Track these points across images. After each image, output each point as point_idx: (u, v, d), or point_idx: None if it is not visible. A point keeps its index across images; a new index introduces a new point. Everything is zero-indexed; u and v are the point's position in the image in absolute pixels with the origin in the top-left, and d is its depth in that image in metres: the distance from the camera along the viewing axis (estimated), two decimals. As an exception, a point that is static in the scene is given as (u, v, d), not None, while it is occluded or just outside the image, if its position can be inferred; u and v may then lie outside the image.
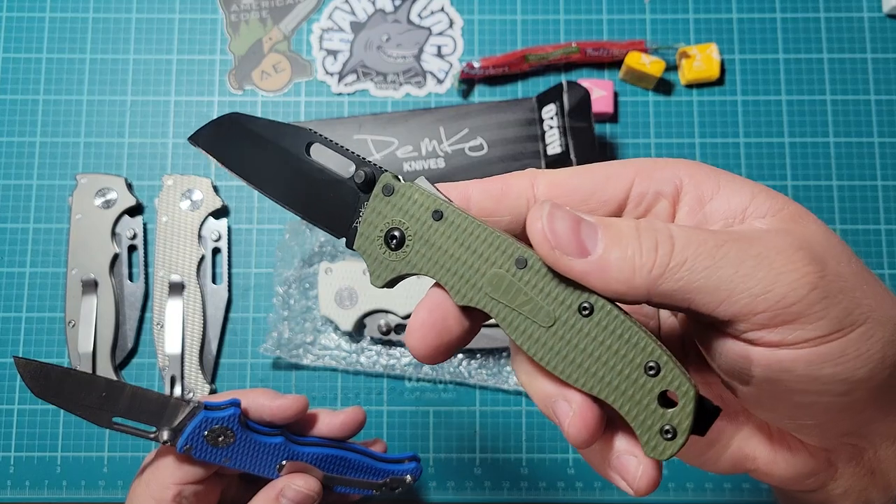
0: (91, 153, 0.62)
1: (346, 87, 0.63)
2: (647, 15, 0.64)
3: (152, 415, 0.42)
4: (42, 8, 0.63)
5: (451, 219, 0.27)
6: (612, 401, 0.25)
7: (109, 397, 0.42)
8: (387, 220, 0.28)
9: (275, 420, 0.45)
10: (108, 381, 0.42)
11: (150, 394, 0.42)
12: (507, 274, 0.26)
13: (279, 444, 0.44)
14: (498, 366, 0.58)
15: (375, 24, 0.63)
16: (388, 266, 0.28)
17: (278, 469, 0.44)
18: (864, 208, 0.61)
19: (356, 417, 0.47)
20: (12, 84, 0.62)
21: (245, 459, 0.44)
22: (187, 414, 0.42)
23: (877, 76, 0.62)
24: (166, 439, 0.42)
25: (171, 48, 0.63)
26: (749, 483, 0.57)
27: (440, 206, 0.27)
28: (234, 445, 0.43)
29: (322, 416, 0.47)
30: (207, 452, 0.43)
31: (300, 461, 0.45)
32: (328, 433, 0.46)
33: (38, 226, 0.60)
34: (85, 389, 0.41)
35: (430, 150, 0.58)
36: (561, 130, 0.57)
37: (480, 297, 0.26)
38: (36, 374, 0.41)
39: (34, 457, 0.58)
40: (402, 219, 0.27)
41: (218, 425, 0.42)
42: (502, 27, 0.63)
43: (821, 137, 0.62)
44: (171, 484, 0.43)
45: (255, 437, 0.43)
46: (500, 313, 0.26)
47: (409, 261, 0.27)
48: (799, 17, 0.63)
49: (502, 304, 0.26)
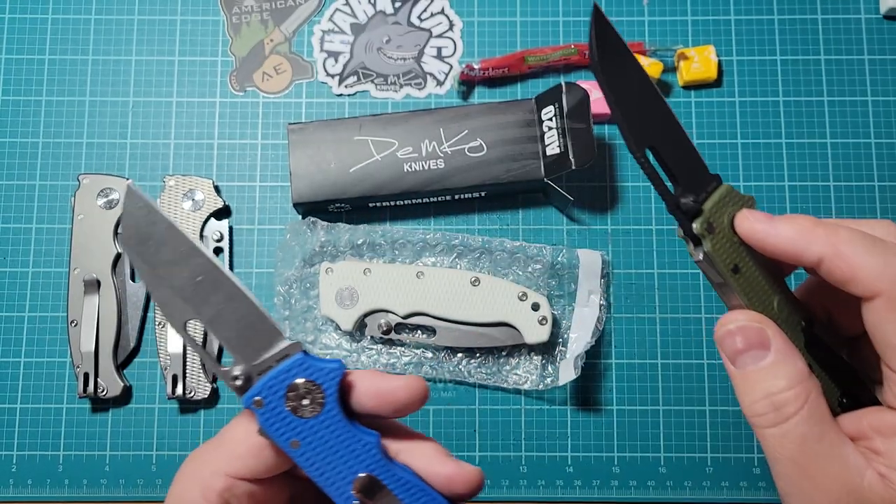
0: (93, 154, 0.62)
1: (347, 88, 0.63)
2: (646, 17, 0.64)
3: (237, 337, 0.31)
4: (45, 10, 0.64)
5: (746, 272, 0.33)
6: None
7: (202, 288, 0.31)
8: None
9: (381, 406, 0.31)
10: (213, 265, 0.31)
11: (248, 304, 0.31)
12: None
13: (370, 445, 0.30)
14: (497, 364, 0.58)
15: (376, 25, 0.64)
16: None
17: (353, 486, 0.30)
18: (862, 209, 0.61)
19: (471, 478, 0.31)
20: (15, 85, 0.63)
21: (320, 451, 0.30)
22: (279, 352, 0.31)
23: (874, 77, 0.63)
24: (237, 375, 0.30)
25: (173, 49, 0.63)
26: (746, 481, 0.58)
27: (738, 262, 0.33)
28: (316, 421, 0.30)
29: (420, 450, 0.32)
30: (279, 419, 0.30)
31: (383, 483, 0.30)
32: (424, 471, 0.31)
33: (41, 226, 0.61)
34: (182, 262, 0.31)
35: (430, 151, 0.58)
36: (560, 131, 0.57)
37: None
38: (137, 212, 0.30)
39: (36, 455, 0.58)
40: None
41: (312, 379, 0.30)
42: (502, 29, 0.64)
43: (818, 139, 0.62)
44: (224, 473, 0.31)
45: (345, 420, 0.30)
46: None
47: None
48: (796, 19, 0.64)
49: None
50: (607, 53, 0.31)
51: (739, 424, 0.58)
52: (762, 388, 0.31)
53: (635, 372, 0.59)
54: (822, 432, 0.30)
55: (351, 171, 0.58)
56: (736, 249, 0.32)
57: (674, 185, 0.32)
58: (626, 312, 0.60)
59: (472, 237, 0.59)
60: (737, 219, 0.32)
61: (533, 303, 0.56)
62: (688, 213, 0.32)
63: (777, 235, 0.31)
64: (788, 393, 0.30)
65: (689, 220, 0.32)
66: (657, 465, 0.58)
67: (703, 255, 0.32)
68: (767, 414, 0.30)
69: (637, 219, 0.61)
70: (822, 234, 0.30)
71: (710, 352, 0.59)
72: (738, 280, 0.32)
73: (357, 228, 0.59)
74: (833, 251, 0.30)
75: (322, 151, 0.58)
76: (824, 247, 0.30)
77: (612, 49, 0.31)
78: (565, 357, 0.58)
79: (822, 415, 0.30)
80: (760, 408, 0.31)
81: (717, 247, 0.32)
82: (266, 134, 0.62)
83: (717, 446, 0.58)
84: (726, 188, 0.32)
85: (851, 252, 0.29)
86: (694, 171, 0.32)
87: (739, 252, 0.32)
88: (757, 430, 0.31)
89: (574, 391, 0.59)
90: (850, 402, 0.34)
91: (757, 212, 0.32)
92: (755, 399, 0.31)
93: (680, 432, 0.58)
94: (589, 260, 0.58)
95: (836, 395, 0.34)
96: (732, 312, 0.32)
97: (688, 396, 0.59)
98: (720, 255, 0.32)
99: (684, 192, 0.32)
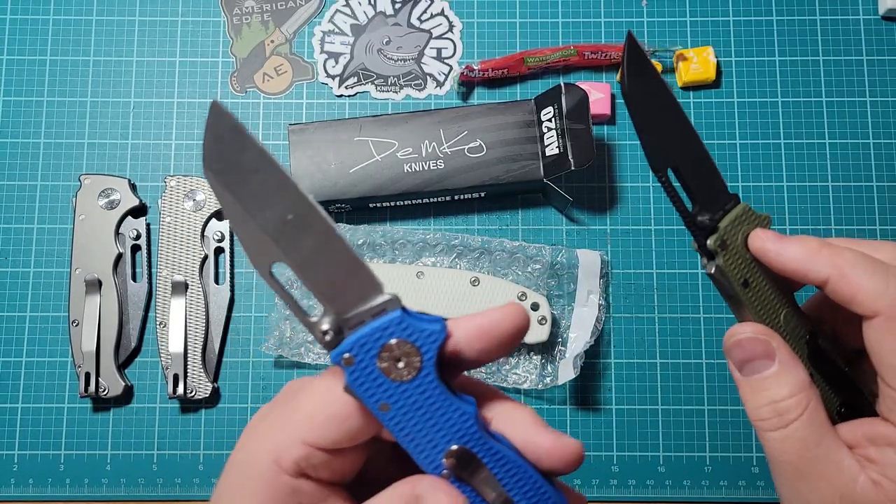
0: (95, 154, 0.62)
1: (347, 89, 0.63)
2: (645, 18, 0.64)
3: (329, 285, 0.27)
4: (46, 11, 0.64)
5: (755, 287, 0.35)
6: None
7: (293, 227, 0.27)
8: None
9: (488, 345, 0.28)
10: (307, 202, 0.27)
11: (343, 249, 0.27)
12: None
13: (467, 415, 0.27)
14: (496, 364, 0.58)
15: (376, 27, 0.64)
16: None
17: (444, 456, 0.27)
18: (860, 209, 0.61)
19: (571, 451, 0.28)
20: (17, 86, 0.63)
21: (412, 417, 0.27)
22: (376, 306, 0.27)
23: (872, 78, 0.63)
24: (326, 329, 0.27)
25: (174, 51, 0.64)
26: (745, 480, 0.58)
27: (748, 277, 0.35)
28: (410, 385, 0.27)
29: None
30: (369, 379, 0.27)
31: (479, 457, 0.27)
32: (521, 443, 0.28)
33: (42, 226, 0.61)
34: (273, 195, 0.27)
35: (430, 152, 0.58)
36: (559, 132, 0.57)
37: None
38: (225, 134, 0.27)
39: (38, 455, 0.58)
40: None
41: (410, 339, 0.27)
42: (501, 30, 0.64)
43: (817, 139, 0.62)
44: (302, 441, 0.27)
45: (441, 386, 0.27)
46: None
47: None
48: (795, 20, 0.64)
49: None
50: (637, 79, 0.33)
51: (738, 424, 0.58)
52: (766, 395, 0.33)
53: (634, 371, 0.59)
54: (820, 438, 0.32)
55: (351, 172, 0.58)
56: (747, 265, 0.35)
57: (692, 203, 0.34)
58: (625, 312, 0.60)
59: (472, 237, 0.59)
60: (750, 237, 0.34)
61: (532, 303, 0.56)
62: (703, 229, 0.34)
63: (786, 255, 0.33)
64: (790, 400, 0.32)
65: (705, 236, 0.34)
66: (656, 464, 0.58)
67: (715, 269, 0.34)
68: (770, 419, 0.33)
69: (636, 219, 0.61)
70: (827, 256, 0.32)
71: (708, 351, 0.59)
72: (747, 294, 0.35)
73: (357, 229, 0.59)
74: (838, 272, 0.32)
75: (322, 152, 0.59)
76: (830, 268, 0.32)
77: (641, 74, 0.33)
78: (564, 357, 0.58)
79: (821, 422, 0.32)
80: (764, 413, 0.33)
81: (729, 262, 0.34)
82: (267, 134, 0.63)
83: (715, 445, 0.58)
84: (743, 207, 0.35)
85: (854, 274, 0.32)
86: (713, 189, 0.34)
87: (750, 268, 0.35)
88: (760, 434, 0.34)
89: (573, 390, 0.59)
90: (848, 412, 0.36)
91: (769, 232, 0.34)
92: (759, 405, 0.33)
93: (679, 431, 0.58)
94: (588, 260, 0.58)
95: (835, 405, 0.36)
96: (741, 324, 0.35)
97: (686, 396, 0.59)
98: (731, 270, 0.34)
99: (701, 210, 0.34)
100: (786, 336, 0.35)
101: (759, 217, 0.35)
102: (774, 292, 0.35)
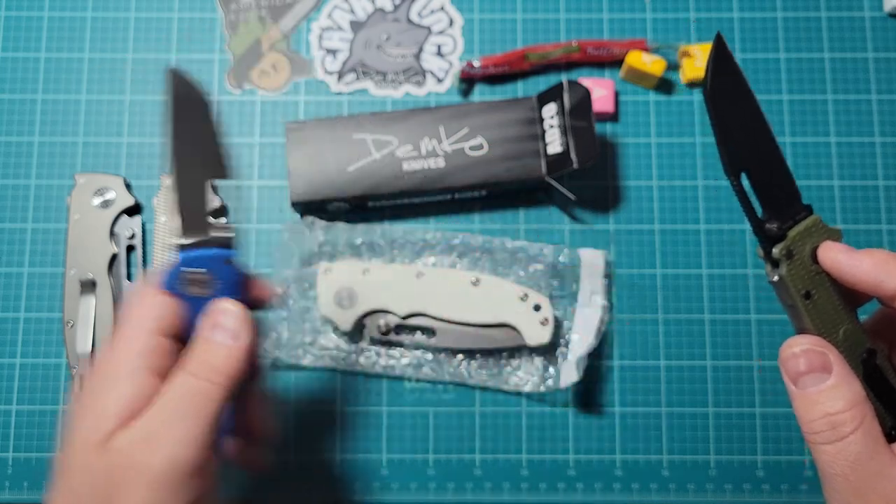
0: (89, 153, 0.61)
1: (346, 86, 0.62)
2: (648, 14, 0.64)
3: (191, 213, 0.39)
4: (40, 7, 0.63)
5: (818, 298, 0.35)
6: None
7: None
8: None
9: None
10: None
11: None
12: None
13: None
14: (498, 366, 0.57)
15: (375, 23, 0.63)
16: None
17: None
18: (866, 208, 0.61)
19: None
20: (10, 83, 0.62)
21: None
22: (211, 239, 0.39)
23: (878, 75, 0.62)
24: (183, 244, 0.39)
25: (170, 47, 0.63)
26: (750, 483, 0.57)
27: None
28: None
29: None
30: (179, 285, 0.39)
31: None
32: None
33: (37, 226, 0.60)
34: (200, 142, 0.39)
35: (430, 150, 0.58)
36: (561, 129, 0.57)
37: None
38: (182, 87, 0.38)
39: (32, 457, 0.58)
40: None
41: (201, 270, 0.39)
42: (503, 26, 0.63)
43: (822, 137, 0.62)
44: (154, 331, 0.38)
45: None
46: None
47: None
48: (800, 17, 0.63)
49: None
50: (721, 80, 0.34)
51: (743, 426, 0.58)
52: (821, 408, 0.33)
53: (638, 373, 0.59)
54: (874, 452, 0.32)
55: (350, 170, 0.58)
56: (811, 277, 0.35)
57: (762, 209, 0.34)
58: (628, 313, 0.59)
59: (473, 237, 0.59)
60: (820, 249, 0.35)
61: (534, 304, 0.55)
62: (771, 237, 0.34)
63: (858, 267, 0.34)
64: (846, 414, 0.33)
65: (771, 244, 0.34)
66: (660, 467, 0.57)
67: (778, 278, 0.35)
68: (825, 432, 0.33)
69: (640, 218, 0.60)
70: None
71: (713, 353, 0.59)
72: (808, 306, 0.35)
73: (356, 228, 0.59)
74: None
75: (320, 150, 0.58)
76: None
77: (727, 74, 0.34)
78: (567, 358, 0.57)
79: (876, 436, 0.33)
80: (819, 426, 0.33)
81: (793, 272, 0.34)
82: (264, 132, 0.62)
83: (720, 448, 0.58)
84: (815, 219, 0.35)
85: None
86: (786, 198, 0.35)
87: (814, 280, 0.35)
88: (813, 447, 0.34)
89: (576, 392, 0.58)
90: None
91: (840, 244, 0.35)
92: (814, 418, 0.34)
93: (683, 434, 0.58)
94: (591, 260, 0.58)
95: (888, 425, 0.36)
96: (798, 336, 0.35)
97: (691, 398, 0.58)
98: (794, 281, 0.35)
99: (771, 218, 0.34)
100: (843, 352, 0.35)
101: (830, 230, 0.35)
102: (836, 307, 0.35)
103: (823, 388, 0.33)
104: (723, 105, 0.34)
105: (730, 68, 0.34)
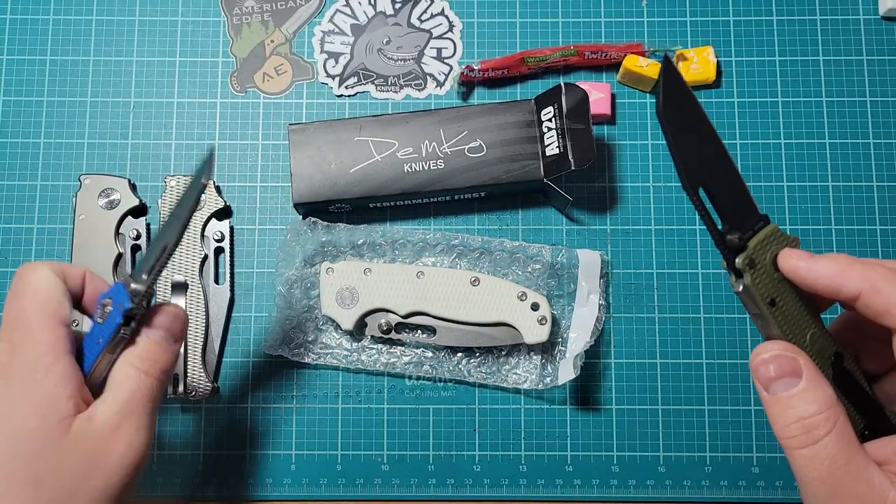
0: (95, 154, 0.62)
1: (347, 89, 0.63)
2: (645, 18, 0.64)
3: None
4: (46, 11, 0.64)
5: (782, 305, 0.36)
6: None
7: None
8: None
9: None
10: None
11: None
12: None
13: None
14: (497, 364, 0.58)
15: (376, 26, 0.64)
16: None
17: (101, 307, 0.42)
18: (860, 209, 0.61)
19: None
20: (16, 86, 0.63)
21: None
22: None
23: (872, 78, 0.63)
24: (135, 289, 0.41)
25: (174, 50, 0.64)
26: (745, 480, 0.58)
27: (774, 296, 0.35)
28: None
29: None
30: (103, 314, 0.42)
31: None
32: None
33: (42, 226, 0.61)
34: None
35: (430, 152, 0.58)
36: (559, 132, 0.57)
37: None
38: None
39: (38, 455, 0.58)
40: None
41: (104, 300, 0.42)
42: (501, 30, 0.64)
43: (817, 139, 0.62)
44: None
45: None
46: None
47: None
48: (795, 20, 0.64)
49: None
50: (672, 101, 0.34)
51: (738, 424, 0.58)
52: (794, 412, 0.33)
53: (634, 371, 0.59)
54: (850, 454, 0.32)
55: (351, 172, 0.58)
56: (774, 284, 0.35)
57: (722, 222, 0.35)
58: (625, 312, 0.60)
59: (472, 237, 0.59)
60: (780, 256, 0.35)
61: (532, 303, 0.56)
62: (732, 248, 0.34)
63: (818, 272, 0.34)
64: (819, 417, 0.33)
65: (733, 254, 0.34)
66: (656, 464, 0.58)
67: (743, 288, 0.35)
68: (799, 436, 0.33)
69: (636, 219, 0.61)
70: (860, 271, 0.33)
71: (708, 351, 0.59)
72: (774, 312, 0.35)
73: (357, 228, 0.59)
74: (870, 286, 0.32)
75: (322, 152, 0.58)
76: (862, 282, 0.33)
77: (676, 96, 0.34)
78: (565, 357, 0.58)
79: (850, 438, 0.33)
80: (793, 430, 0.33)
81: (757, 281, 0.34)
82: (267, 134, 0.63)
83: (715, 446, 0.58)
84: (772, 228, 0.35)
85: (887, 287, 0.32)
86: (743, 209, 0.35)
87: (778, 287, 0.35)
88: (788, 452, 0.34)
89: (573, 391, 0.59)
90: (871, 434, 0.36)
91: (800, 250, 0.35)
92: (787, 422, 0.33)
93: (679, 432, 0.58)
94: (588, 260, 0.58)
95: (859, 427, 0.36)
96: (767, 343, 0.35)
97: (687, 396, 0.59)
98: (759, 289, 0.35)
99: (731, 229, 0.35)
100: (812, 356, 0.35)
101: (788, 238, 0.35)
102: (801, 312, 0.36)
103: (795, 393, 0.33)
104: (676, 124, 0.34)
105: (680, 89, 0.34)
